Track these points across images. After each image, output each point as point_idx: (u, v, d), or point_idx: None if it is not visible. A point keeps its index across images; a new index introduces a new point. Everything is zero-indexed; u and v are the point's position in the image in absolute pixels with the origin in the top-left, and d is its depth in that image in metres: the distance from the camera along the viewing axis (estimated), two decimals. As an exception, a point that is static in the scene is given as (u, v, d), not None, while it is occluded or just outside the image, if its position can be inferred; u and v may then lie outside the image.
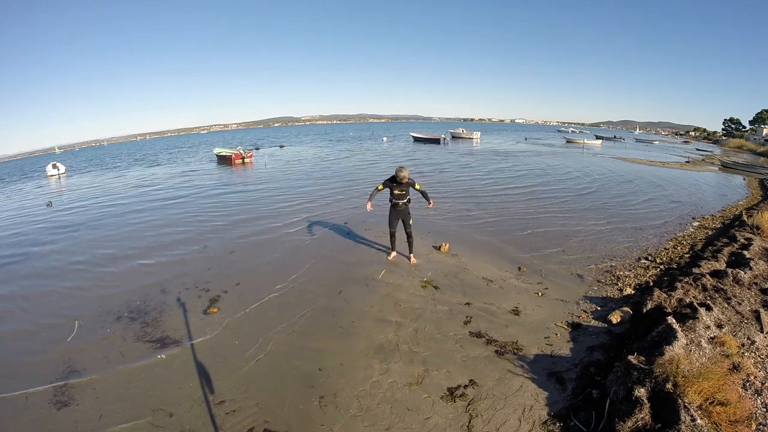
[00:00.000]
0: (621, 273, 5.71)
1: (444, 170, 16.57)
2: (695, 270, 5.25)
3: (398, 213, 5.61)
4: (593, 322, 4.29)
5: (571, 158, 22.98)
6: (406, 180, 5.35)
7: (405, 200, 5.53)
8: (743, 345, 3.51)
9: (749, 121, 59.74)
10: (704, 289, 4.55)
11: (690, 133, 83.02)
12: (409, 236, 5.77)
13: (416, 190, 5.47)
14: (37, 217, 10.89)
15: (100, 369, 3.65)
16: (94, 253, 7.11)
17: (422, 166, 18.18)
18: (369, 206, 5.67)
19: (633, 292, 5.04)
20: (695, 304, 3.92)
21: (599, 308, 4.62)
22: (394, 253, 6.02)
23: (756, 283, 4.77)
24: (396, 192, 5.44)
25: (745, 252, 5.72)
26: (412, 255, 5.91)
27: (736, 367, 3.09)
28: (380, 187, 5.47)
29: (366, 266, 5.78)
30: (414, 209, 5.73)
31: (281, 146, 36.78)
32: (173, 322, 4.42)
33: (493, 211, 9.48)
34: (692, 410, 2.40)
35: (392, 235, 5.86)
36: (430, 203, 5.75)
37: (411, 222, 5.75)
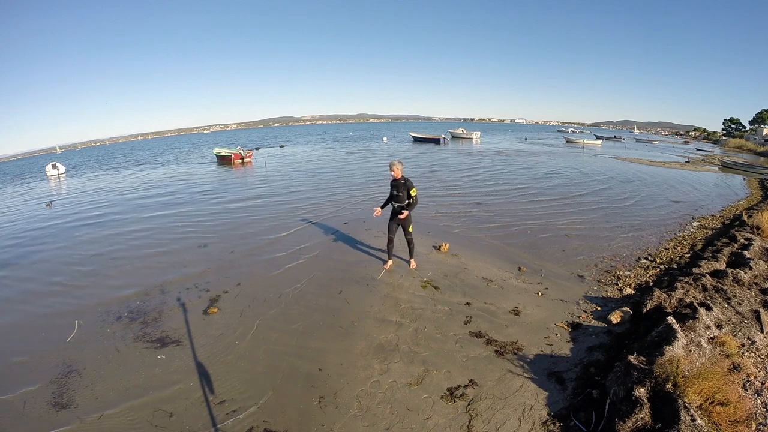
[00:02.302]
0: (621, 273, 5.71)
1: (445, 169, 16.57)
2: (695, 270, 5.25)
3: (397, 218, 5.36)
4: (593, 322, 4.29)
5: (570, 158, 22.98)
6: (400, 175, 5.17)
7: (404, 204, 5.28)
8: (743, 345, 3.51)
9: (749, 121, 59.75)
10: (704, 289, 4.55)
11: (690, 133, 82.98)
12: (409, 243, 5.55)
13: (410, 195, 5.22)
14: (37, 217, 10.89)
15: (99, 369, 3.65)
16: (94, 253, 7.11)
17: (425, 165, 18.18)
18: (378, 212, 5.44)
19: (633, 292, 5.04)
20: (695, 304, 3.92)
21: (599, 308, 4.62)
22: (390, 262, 5.73)
23: (756, 283, 4.76)
24: (394, 193, 5.26)
25: (745, 252, 5.72)
26: (412, 260, 5.71)
27: (736, 367, 3.09)
28: (390, 194, 5.38)
29: (366, 266, 5.77)
30: (413, 211, 5.51)
31: (281, 146, 36.82)
32: (173, 322, 4.42)
33: (492, 210, 9.48)
34: (692, 410, 2.40)
35: (390, 241, 5.58)
36: (403, 213, 5.22)
37: (411, 228, 5.48)
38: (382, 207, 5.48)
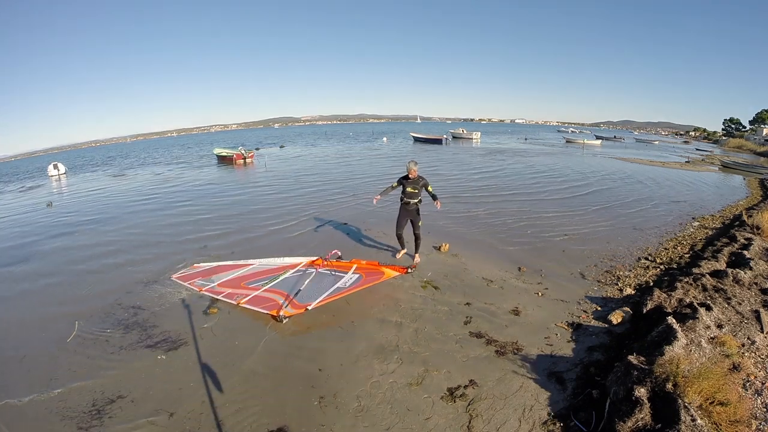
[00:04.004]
0: (621, 273, 5.71)
1: (445, 170, 16.57)
2: (695, 270, 5.25)
3: (408, 213, 5.62)
4: (593, 322, 4.29)
5: (570, 158, 22.98)
6: (416, 175, 5.43)
7: (416, 200, 5.53)
8: (743, 345, 3.51)
9: (749, 121, 59.70)
10: (704, 289, 4.55)
11: (690, 133, 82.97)
12: (417, 237, 5.78)
13: (428, 192, 5.51)
14: (38, 216, 10.89)
15: (99, 369, 3.65)
16: (95, 253, 7.11)
17: (430, 166, 18.19)
18: (376, 199, 5.79)
19: (633, 292, 5.03)
20: (695, 304, 3.92)
21: (599, 308, 4.62)
22: (403, 251, 6.06)
23: (756, 283, 4.77)
24: (408, 190, 5.47)
25: (745, 252, 5.72)
26: (417, 255, 5.92)
27: (736, 367, 3.09)
28: (395, 184, 5.62)
29: (366, 266, 5.77)
30: (423, 206, 5.74)
31: (282, 146, 36.81)
32: (173, 323, 4.41)
33: (492, 210, 9.48)
34: (692, 410, 2.40)
35: (399, 237, 5.87)
36: (437, 204, 5.55)
37: (420, 224, 5.72)
38: (380, 195, 5.77)
